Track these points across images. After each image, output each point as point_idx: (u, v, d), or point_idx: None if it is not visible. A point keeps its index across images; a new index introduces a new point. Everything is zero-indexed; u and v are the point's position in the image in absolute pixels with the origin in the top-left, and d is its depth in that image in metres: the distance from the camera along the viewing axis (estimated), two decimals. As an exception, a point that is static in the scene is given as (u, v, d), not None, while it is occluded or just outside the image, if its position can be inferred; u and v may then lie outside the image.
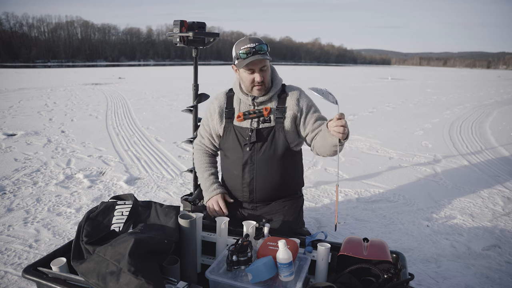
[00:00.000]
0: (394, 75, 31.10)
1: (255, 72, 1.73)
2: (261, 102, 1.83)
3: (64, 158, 4.01)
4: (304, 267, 1.42)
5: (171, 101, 9.44)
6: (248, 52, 1.68)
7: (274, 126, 1.80)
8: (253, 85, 1.76)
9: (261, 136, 1.79)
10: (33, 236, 2.27)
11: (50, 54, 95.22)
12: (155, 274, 1.19)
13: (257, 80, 1.73)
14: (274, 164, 1.81)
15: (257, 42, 1.70)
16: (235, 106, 1.87)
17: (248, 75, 1.74)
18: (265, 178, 1.82)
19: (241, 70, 1.76)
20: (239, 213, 1.92)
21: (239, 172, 1.84)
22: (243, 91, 1.86)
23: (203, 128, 1.99)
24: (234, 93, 1.91)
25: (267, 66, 1.76)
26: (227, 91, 1.95)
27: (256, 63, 1.70)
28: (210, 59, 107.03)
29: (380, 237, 2.36)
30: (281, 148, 1.80)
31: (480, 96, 12.60)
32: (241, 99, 1.87)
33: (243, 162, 1.82)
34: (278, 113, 1.81)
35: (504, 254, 2.15)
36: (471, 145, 5.02)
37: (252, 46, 1.68)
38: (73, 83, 15.37)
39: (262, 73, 1.73)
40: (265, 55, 1.70)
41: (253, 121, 1.81)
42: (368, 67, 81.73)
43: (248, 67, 1.71)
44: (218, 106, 1.90)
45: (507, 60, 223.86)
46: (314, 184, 3.31)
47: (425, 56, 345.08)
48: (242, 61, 1.70)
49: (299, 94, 1.86)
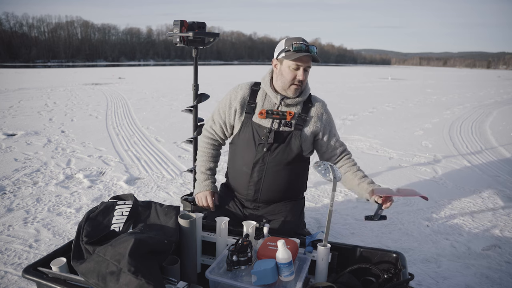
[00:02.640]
0: (394, 75, 31.10)
1: (299, 69, 1.72)
2: (288, 105, 1.81)
3: (64, 158, 4.01)
4: (304, 267, 1.42)
5: (171, 101, 9.44)
6: (300, 48, 1.68)
7: (292, 132, 1.79)
8: (292, 82, 1.74)
9: (279, 138, 1.78)
10: (33, 236, 2.27)
11: (50, 54, 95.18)
12: (155, 274, 1.19)
13: (299, 78, 1.72)
14: (284, 168, 1.81)
15: (310, 43, 1.73)
16: (258, 102, 1.84)
17: (292, 70, 1.73)
18: (273, 180, 1.82)
19: (285, 65, 1.73)
20: (240, 213, 1.92)
21: (248, 170, 1.82)
22: (274, 88, 1.83)
23: (218, 114, 1.93)
24: (259, 88, 1.87)
25: (310, 69, 1.77)
26: (252, 84, 1.89)
27: (305, 60, 1.71)
28: (210, 59, 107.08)
29: (380, 237, 2.36)
30: (294, 153, 1.80)
31: (480, 96, 12.61)
32: (268, 95, 1.84)
33: (255, 160, 1.80)
34: (299, 120, 1.80)
35: (504, 254, 2.15)
36: (471, 145, 5.02)
37: (305, 43, 1.71)
38: (73, 83, 15.36)
39: (305, 73, 1.74)
40: (315, 57, 1.72)
41: (275, 122, 1.79)
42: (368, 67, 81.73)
43: (296, 62, 1.70)
44: (242, 96, 1.85)
45: (507, 60, 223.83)
46: (314, 184, 3.31)
47: (425, 56, 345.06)
48: (293, 54, 1.68)
49: (323, 108, 1.87)
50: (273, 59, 1.81)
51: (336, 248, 1.59)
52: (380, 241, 2.30)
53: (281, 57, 1.74)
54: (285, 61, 1.73)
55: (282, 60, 1.74)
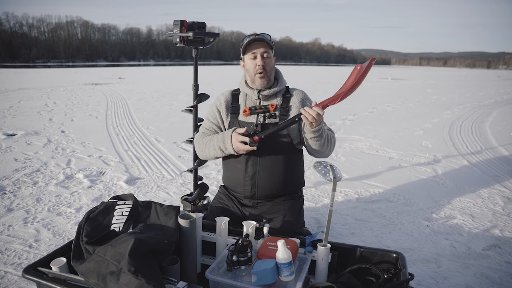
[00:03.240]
0: (394, 75, 31.10)
1: (257, 57, 1.80)
2: (266, 96, 1.87)
3: (64, 158, 4.02)
4: (304, 267, 1.42)
5: (171, 101, 9.44)
6: (252, 40, 1.79)
7: (279, 122, 1.82)
8: (256, 72, 1.81)
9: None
10: (33, 236, 2.27)
11: (50, 54, 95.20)
12: (155, 274, 1.19)
13: (258, 63, 1.79)
14: (277, 160, 1.85)
15: (261, 33, 1.82)
16: (241, 103, 1.92)
17: (251, 60, 1.82)
18: (268, 173, 1.85)
19: (246, 60, 1.85)
20: (240, 212, 1.92)
21: (242, 166, 1.86)
22: (249, 86, 1.91)
23: (208, 122, 1.98)
24: (239, 91, 1.96)
25: (269, 55, 1.83)
26: (232, 90, 2.00)
27: (258, 47, 1.79)
28: (210, 59, 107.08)
29: (380, 237, 2.36)
30: (284, 144, 1.84)
31: (480, 96, 12.61)
32: (247, 94, 1.92)
33: (247, 156, 1.84)
34: (283, 111, 1.86)
35: (504, 254, 2.15)
36: (471, 145, 5.02)
37: (255, 34, 1.82)
38: (73, 83, 15.37)
39: (263, 59, 1.80)
40: (268, 41, 1.80)
41: (259, 116, 1.85)
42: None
43: (250, 51, 1.80)
44: (225, 101, 1.94)
45: (507, 60, 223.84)
46: (314, 184, 3.31)
47: (425, 56, 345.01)
48: (245, 46, 1.80)
49: (303, 95, 1.93)
50: (240, 61, 1.93)
51: (336, 248, 1.59)
52: (380, 241, 2.30)
53: (242, 56, 1.88)
54: (244, 57, 1.86)
55: (243, 57, 1.87)
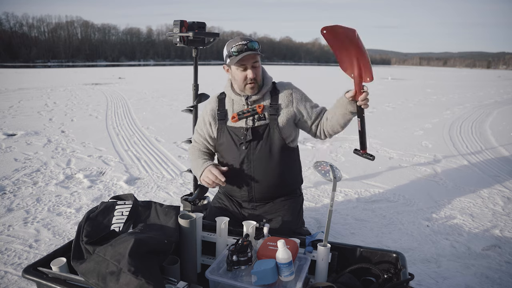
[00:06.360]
0: (394, 75, 31.08)
1: (247, 69, 1.75)
2: (254, 101, 1.84)
3: (64, 158, 4.01)
4: (304, 267, 1.42)
5: (171, 101, 9.44)
6: (240, 49, 1.71)
7: (269, 124, 1.81)
8: (245, 82, 1.78)
9: (257, 134, 1.80)
10: (33, 236, 2.27)
11: (50, 54, 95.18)
12: (155, 274, 1.19)
13: (249, 77, 1.75)
14: (271, 162, 1.82)
15: (248, 40, 1.73)
16: (228, 108, 1.88)
17: (241, 72, 1.76)
18: (263, 176, 1.83)
19: (234, 68, 1.78)
20: (239, 213, 1.92)
21: (236, 171, 1.84)
22: (236, 92, 1.87)
23: (197, 133, 1.99)
24: (225, 95, 1.92)
25: (258, 63, 1.79)
26: (218, 94, 1.96)
27: (248, 59, 1.73)
28: (210, 59, 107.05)
29: (380, 237, 2.36)
30: (277, 145, 1.81)
31: (480, 96, 12.60)
32: (234, 100, 1.88)
33: (240, 161, 1.82)
34: (272, 110, 1.83)
35: (504, 254, 2.15)
36: (471, 145, 5.01)
37: (244, 43, 1.71)
38: (73, 83, 15.36)
39: (254, 70, 1.76)
40: (257, 51, 1.73)
41: (248, 120, 1.82)
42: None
43: (240, 64, 1.73)
44: (211, 109, 1.91)
45: (507, 60, 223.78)
46: (314, 184, 3.31)
47: (425, 56, 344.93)
48: (235, 58, 1.71)
49: (291, 89, 1.88)
50: (224, 65, 1.86)
51: (336, 248, 1.59)
52: (380, 241, 2.30)
53: (228, 63, 1.78)
54: (232, 66, 1.77)
55: (230, 65, 1.79)
